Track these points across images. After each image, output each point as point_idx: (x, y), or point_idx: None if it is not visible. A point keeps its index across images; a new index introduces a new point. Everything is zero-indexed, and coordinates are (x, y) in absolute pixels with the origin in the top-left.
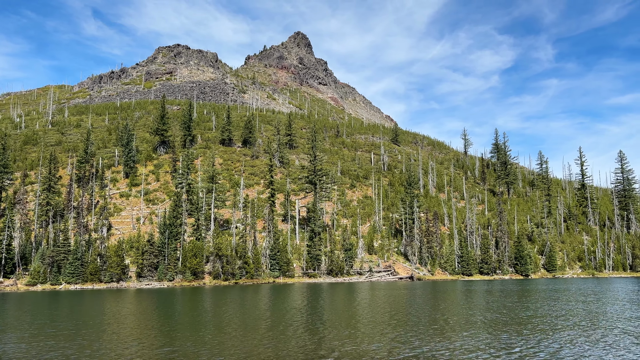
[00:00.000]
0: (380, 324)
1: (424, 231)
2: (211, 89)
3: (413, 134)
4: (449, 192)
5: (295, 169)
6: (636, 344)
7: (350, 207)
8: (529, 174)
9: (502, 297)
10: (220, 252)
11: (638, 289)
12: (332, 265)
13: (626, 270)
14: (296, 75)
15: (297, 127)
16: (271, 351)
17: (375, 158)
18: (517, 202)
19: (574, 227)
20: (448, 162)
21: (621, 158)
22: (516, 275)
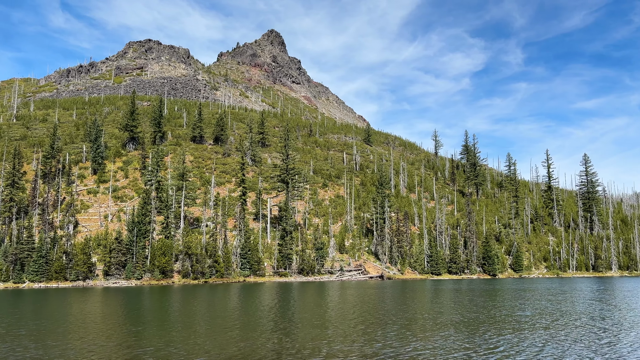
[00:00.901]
0: (350, 323)
1: (394, 231)
2: (183, 85)
3: (385, 135)
4: (420, 193)
5: (268, 168)
6: (606, 341)
7: (322, 207)
8: (498, 175)
9: (472, 296)
10: (189, 250)
11: (601, 288)
12: (303, 264)
13: (589, 270)
14: (269, 74)
15: (270, 126)
16: (241, 351)
17: (348, 158)
18: (486, 203)
19: (540, 228)
20: (419, 163)
21: (585, 161)
22: (484, 275)
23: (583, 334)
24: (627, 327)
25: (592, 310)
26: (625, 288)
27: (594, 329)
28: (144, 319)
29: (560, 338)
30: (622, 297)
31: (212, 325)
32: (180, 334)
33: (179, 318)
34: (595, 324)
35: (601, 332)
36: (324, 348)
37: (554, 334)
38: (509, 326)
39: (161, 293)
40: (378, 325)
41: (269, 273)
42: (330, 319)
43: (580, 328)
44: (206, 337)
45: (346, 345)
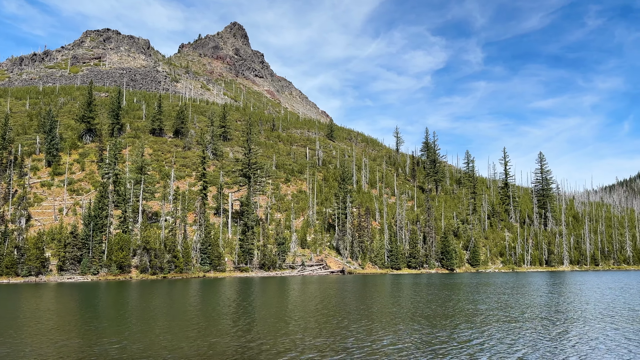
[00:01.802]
0: (310, 318)
1: (356, 226)
2: (142, 76)
3: (348, 130)
4: (381, 188)
5: (229, 162)
6: (560, 331)
7: (284, 202)
8: (457, 172)
9: (431, 290)
10: (148, 245)
11: (554, 282)
12: (265, 259)
13: (542, 265)
14: (232, 66)
15: (232, 119)
16: (199, 346)
17: (311, 153)
18: (445, 199)
19: (497, 223)
20: (380, 159)
21: (541, 159)
22: (442, 270)
23: (537, 325)
24: (577, 318)
25: (547, 303)
26: (577, 282)
27: (548, 321)
28: (101, 314)
29: (515, 329)
30: (575, 290)
31: (170, 321)
32: (137, 330)
33: (137, 314)
34: (548, 316)
35: (553, 323)
36: (284, 343)
37: (511, 327)
38: (467, 319)
39: (118, 288)
40: (338, 319)
41: (229, 268)
42: (291, 313)
43: (535, 320)
44: (165, 333)
45: (307, 340)
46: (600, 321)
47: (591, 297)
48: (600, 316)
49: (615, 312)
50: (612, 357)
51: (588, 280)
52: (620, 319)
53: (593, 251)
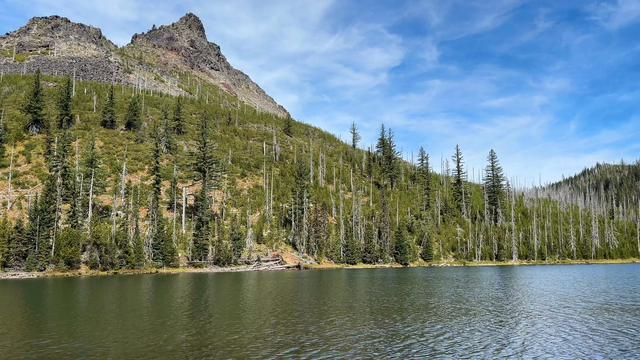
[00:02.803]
0: (265, 313)
1: (312, 221)
2: (93, 66)
3: (305, 126)
4: (338, 184)
5: (184, 156)
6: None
7: (240, 196)
8: (411, 168)
9: (385, 284)
10: (98, 240)
11: (506, 275)
12: (220, 254)
13: (492, 260)
14: (187, 58)
15: (187, 112)
16: (149, 343)
17: (267, 148)
18: (400, 195)
19: (450, 219)
20: (337, 155)
21: (492, 157)
22: (396, 264)
23: (495, 317)
24: (537, 310)
25: (506, 296)
26: (529, 275)
27: (507, 313)
28: (46, 311)
29: (474, 322)
30: (530, 284)
31: (121, 319)
32: (86, 329)
33: (85, 311)
34: (509, 308)
35: (502, 317)
36: (239, 338)
37: (464, 320)
38: (420, 312)
39: (66, 285)
40: (293, 314)
41: (183, 264)
42: (246, 309)
43: (493, 312)
44: (115, 331)
45: (262, 335)
46: (560, 313)
47: (548, 289)
48: (560, 308)
49: (573, 304)
50: (570, 347)
51: (538, 274)
52: (579, 310)
53: (540, 246)
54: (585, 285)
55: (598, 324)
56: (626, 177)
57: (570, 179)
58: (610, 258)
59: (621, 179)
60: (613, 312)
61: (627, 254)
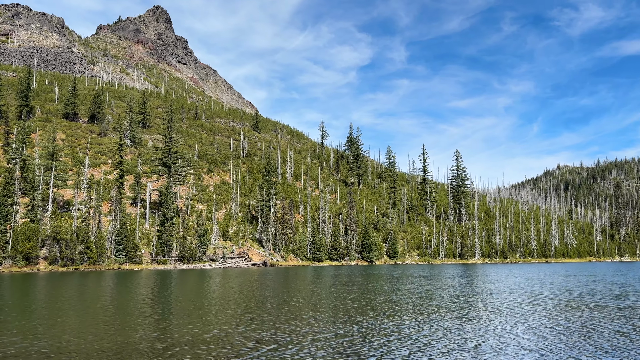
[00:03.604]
0: (229, 310)
1: (279, 218)
2: (55, 57)
3: (273, 122)
4: (305, 181)
5: (149, 150)
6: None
7: (206, 193)
8: (378, 167)
9: (350, 281)
10: (58, 235)
11: (471, 273)
12: (184, 251)
13: (456, 258)
14: (153, 51)
15: (152, 106)
16: (111, 341)
17: (235, 144)
18: (367, 193)
19: (415, 217)
20: (305, 152)
21: (457, 157)
22: (362, 262)
23: (459, 315)
24: (506, 307)
25: (474, 293)
26: (493, 273)
27: (460, 311)
28: (1, 309)
29: (439, 320)
30: (496, 281)
31: (81, 316)
32: (43, 326)
33: (43, 308)
34: (478, 306)
35: (465, 312)
36: (202, 335)
37: (437, 317)
38: (390, 310)
39: (24, 281)
40: (258, 311)
41: (146, 260)
42: (209, 306)
43: (458, 310)
44: (74, 328)
45: (225, 332)
46: (530, 309)
47: (515, 287)
48: (529, 305)
49: (541, 301)
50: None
51: (502, 272)
52: (548, 307)
53: (502, 245)
54: (549, 283)
55: (567, 320)
56: (584, 178)
57: (532, 179)
58: (568, 257)
59: (580, 181)
60: (580, 309)
61: (584, 253)
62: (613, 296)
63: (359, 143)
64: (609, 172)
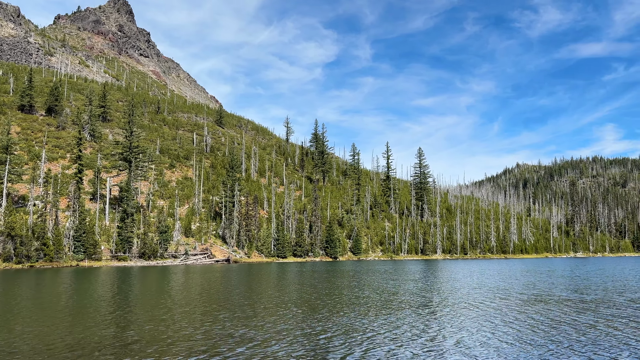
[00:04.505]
0: (188, 307)
1: (243, 214)
2: (10, 47)
3: (238, 118)
4: (270, 177)
5: (109, 144)
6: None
7: (168, 188)
8: (343, 164)
9: (314, 277)
10: (13, 231)
11: (435, 268)
12: (145, 248)
13: (418, 254)
14: (114, 43)
15: (113, 99)
16: (68, 340)
17: (198, 139)
18: (331, 190)
19: (378, 214)
20: (270, 148)
21: (420, 154)
22: (326, 258)
23: (410, 308)
24: (473, 302)
25: (432, 288)
26: (452, 269)
27: (419, 304)
28: None
29: (408, 315)
30: (455, 277)
31: (35, 314)
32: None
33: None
34: (420, 299)
35: (423, 306)
36: (161, 333)
37: (406, 312)
38: (356, 305)
39: None
40: (218, 308)
41: (106, 257)
42: (171, 303)
43: (407, 305)
44: (28, 327)
45: (184, 329)
46: (499, 303)
47: (480, 282)
48: (496, 299)
49: (507, 295)
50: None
51: (464, 267)
52: (516, 301)
53: (463, 241)
54: (513, 279)
55: (538, 314)
56: (542, 176)
57: (493, 177)
58: (526, 253)
59: (538, 179)
60: (548, 303)
61: (542, 250)
62: (576, 290)
63: (324, 140)
64: (565, 170)
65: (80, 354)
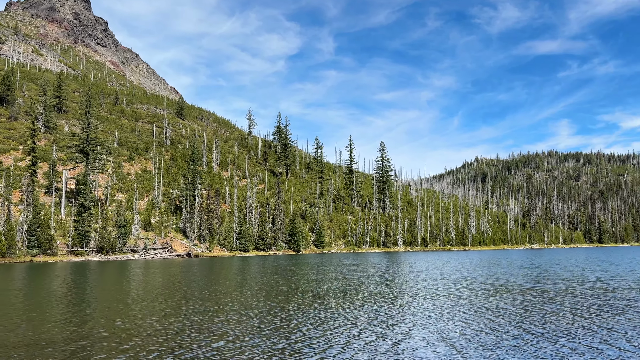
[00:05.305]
0: (145, 302)
1: (205, 208)
2: None
3: (199, 110)
4: (232, 171)
5: (65, 136)
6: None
7: (127, 181)
8: (306, 157)
9: (280, 271)
10: None
11: (395, 260)
12: (104, 242)
13: (379, 246)
14: (70, 32)
15: (69, 89)
16: (21, 338)
17: (158, 131)
18: (294, 183)
19: (341, 207)
20: (233, 141)
21: (382, 148)
22: (289, 251)
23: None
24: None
25: (400, 280)
26: (415, 260)
27: (378, 295)
28: None
29: (377, 307)
30: (420, 269)
31: None
32: None
33: None
34: (382, 290)
35: (384, 298)
36: (120, 329)
37: (377, 304)
38: (324, 298)
39: None
40: (182, 303)
41: (62, 252)
42: (130, 298)
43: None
44: None
45: (143, 326)
46: (468, 293)
47: (444, 273)
48: (463, 289)
49: (474, 285)
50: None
51: (426, 259)
52: (483, 291)
53: (423, 234)
54: (475, 270)
55: (507, 304)
56: (500, 170)
57: (452, 171)
58: (484, 245)
59: (496, 172)
60: (514, 292)
61: (499, 242)
62: (539, 280)
63: (287, 133)
64: (522, 164)
65: (34, 353)
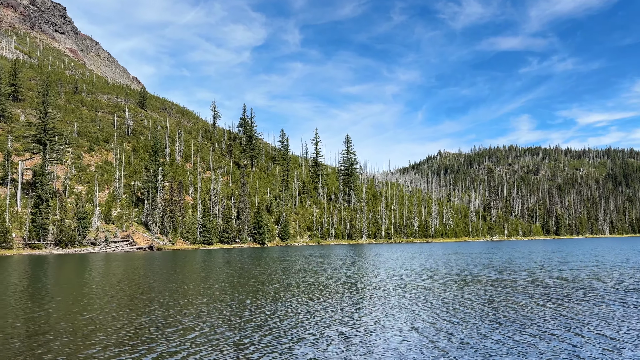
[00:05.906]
0: (104, 296)
1: (167, 200)
2: None
3: (162, 100)
4: (196, 163)
5: (21, 126)
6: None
7: (87, 173)
8: (272, 149)
9: (244, 264)
10: None
11: (361, 252)
12: (62, 235)
13: (344, 239)
14: (26, 18)
15: (25, 77)
16: None
17: (119, 121)
18: (260, 176)
19: (307, 200)
20: (196, 132)
21: (347, 141)
22: (254, 244)
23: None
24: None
25: (367, 272)
26: (380, 253)
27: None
28: None
29: (346, 298)
30: (385, 260)
31: None
32: None
33: None
34: (348, 282)
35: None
36: (78, 324)
37: (342, 296)
38: (292, 291)
39: None
40: (142, 296)
41: (18, 245)
42: (89, 292)
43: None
44: None
45: (102, 320)
46: (437, 284)
47: (410, 264)
48: (428, 280)
49: (441, 276)
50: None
51: (390, 251)
52: (450, 283)
53: (387, 226)
54: (437, 261)
55: (471, 294)
56: (462, 164)
57: (416, 164)
58: (446, 237)
59: (458, 166)
60: (480, 283)
61: (460, 234)
62: (502, 271)
63: (252, 125)
64: (484, 158)
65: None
